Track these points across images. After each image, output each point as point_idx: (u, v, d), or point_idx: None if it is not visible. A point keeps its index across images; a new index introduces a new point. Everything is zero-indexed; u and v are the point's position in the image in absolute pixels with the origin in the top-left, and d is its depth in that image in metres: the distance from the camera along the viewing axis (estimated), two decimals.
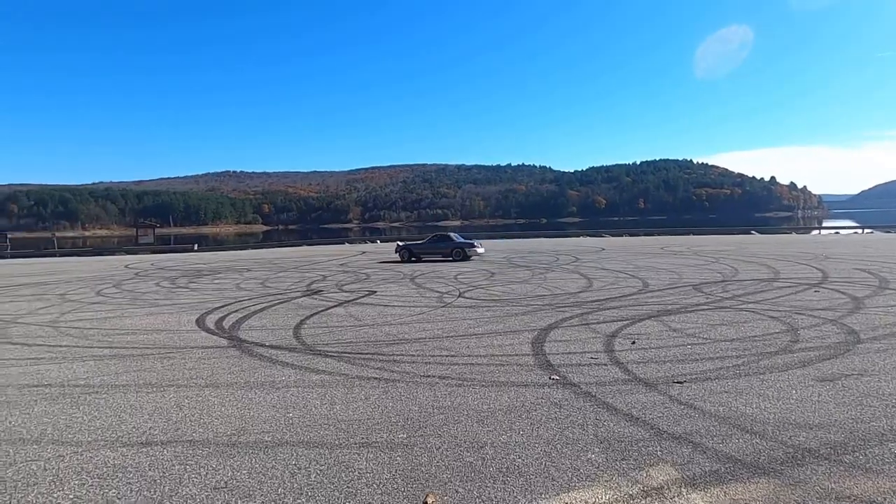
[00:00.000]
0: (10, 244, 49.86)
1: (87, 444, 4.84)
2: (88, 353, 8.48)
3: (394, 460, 4.32)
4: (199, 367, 7.38)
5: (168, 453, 4.58)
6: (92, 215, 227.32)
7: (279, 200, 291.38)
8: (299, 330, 9.74)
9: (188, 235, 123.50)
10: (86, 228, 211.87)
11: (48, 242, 64.29)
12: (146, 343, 9.06)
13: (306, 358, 7.71)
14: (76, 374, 7.19)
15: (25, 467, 4.37)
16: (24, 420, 5.49)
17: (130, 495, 3.88)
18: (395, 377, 6.63)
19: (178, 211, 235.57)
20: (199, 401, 5.94)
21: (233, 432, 5.00)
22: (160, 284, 18.48)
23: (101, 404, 5.92)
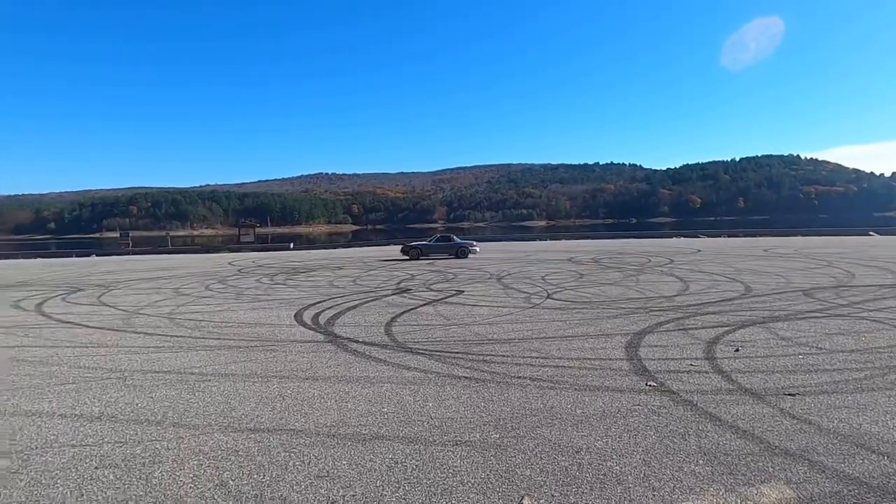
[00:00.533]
0: (132, 242, 54.89)
1: (203, 427, 5.22)
2: (201, 343, 9.15)
3: (488, 460, 4.34)
4: (299, 360, 7.76)
5: (274, 440, 4.85)
6: (199, 216, 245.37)
7: (368, 201, 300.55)
8: (390, 327, 10.00)
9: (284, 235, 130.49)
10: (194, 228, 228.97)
11: (163, 241, 70.06)
12: (251, 336, 9.64)
13: (398, 355, 7.90)
14: (191, 363, 7.78)
15: (151, 446, 4.79)
16: (148, 403, 6.01)
17: (242, 478, 4.14)
18: (486, 377, 6.65)
19: (274, 211, 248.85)
20: (300, 392, 6.25)
21: (332, 424, 5.22)
22: (260, 281, 19.61)
23: (213, 391, 6.37)
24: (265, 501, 3.78)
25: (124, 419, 5.49)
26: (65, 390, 6.55)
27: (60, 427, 5.30)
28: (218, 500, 3.81)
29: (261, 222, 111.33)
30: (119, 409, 5.79)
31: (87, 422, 5.44)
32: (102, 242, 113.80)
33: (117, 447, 4.78)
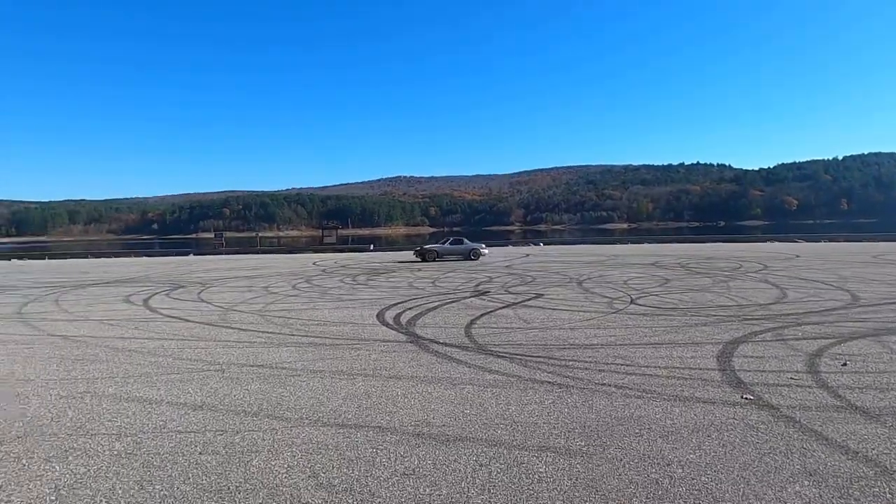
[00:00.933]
0: (225, 242, 58.39)
1: (295, 420, 5.46)
2: (290, 339, 9.58)
3: (573, 468, 4.26)
4: (383, 359, 7.95)
5: (361, 436, 5.00)
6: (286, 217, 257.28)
7: (445, 203, 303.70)
8: (470, 329, 10.04)
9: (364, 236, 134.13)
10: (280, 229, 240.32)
11: (253, 241, 74.02)
12: (336, 334, 9.99)
13: (479, 357, 7.91)
14: (282, 358, 8.17)
15: (249, 436, 5.06)
16: (245, 395, 6.36)
17: (332, 471, 4.30)
18: (569, 383, 6.53)
19: (355, 214, 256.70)
20: (385, 390, 6.40)
21: (416, 423, 5.31)
22: (343, 281, 20.27)
23: (303, 386, 6.65)
24: (355, 495, 3.89)
25: (223, 409, 5.84)
26: (170, 380, 7.06)
27: (168, 414, 5.72)
28: (311, 490, 3.97)
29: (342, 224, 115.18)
30: (219, 400, 6.17)
31: (190, 410, 5.83)
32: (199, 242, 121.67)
33: (218, 435, 5.09)
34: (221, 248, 54.10)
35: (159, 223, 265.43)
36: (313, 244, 62.24)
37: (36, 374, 7.48)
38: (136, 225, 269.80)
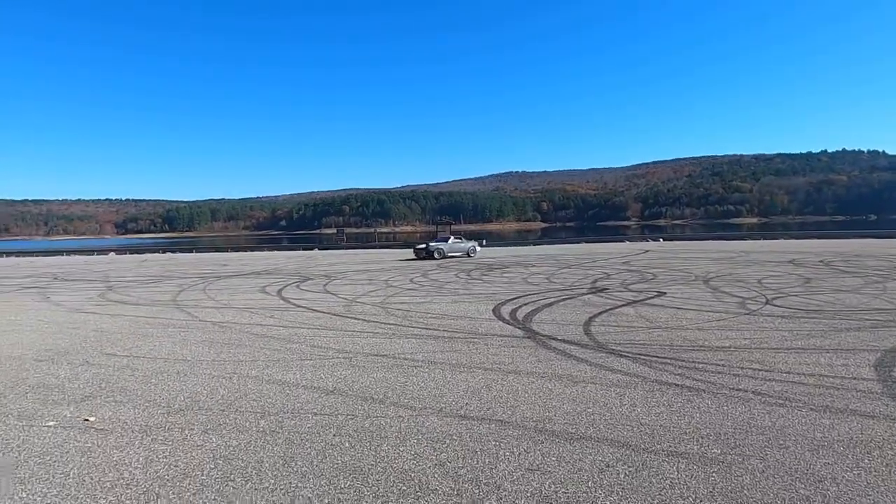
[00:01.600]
0: (346, 237, 61.69)
1: (419, 409, 5.65)
2: (409, 331, 9.92)
3: (710, 476, 4.02)
4: (501, 354, 7.99)
5: (483, 429, 5.06)
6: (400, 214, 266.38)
7: (557, 198, 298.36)
8: (589, 327, 9.80)
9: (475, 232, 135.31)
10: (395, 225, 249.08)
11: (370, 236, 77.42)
12: (453, 327, 10.18)
13: (599, 356, 7.70)
14: (403, 349, 8.48)
15: (377, 422, 5.32)
16: (371, 382, 6.68)
17: (457, 460, 4.40)
18: (700, 386, 6.16)
19: (467, 209, 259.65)
20: (505, 385, 6.43)
21: (538, 419, 5.28)
22: (458, 276, 20.61)
23: (424, 377, 6.86)
24: (480, 486, 3.96)
25: (353, 395, 6.18)
26: (304, 365, 7.59)
27: (304, 396, 6.16)
28: (438, 478, 4.09)
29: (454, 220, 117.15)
30: (348, 386, 6.53)
31: (323, 394, 6.24)
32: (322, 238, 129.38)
33: (349, 419, 5.39)
34: (342, 242, 57.23)
35: (287, 220, 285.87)
36: (427, 239, 63.94)
37: (192, 355, 8.37)
38: (266, 221, 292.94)
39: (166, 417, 5.58)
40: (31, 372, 7.55)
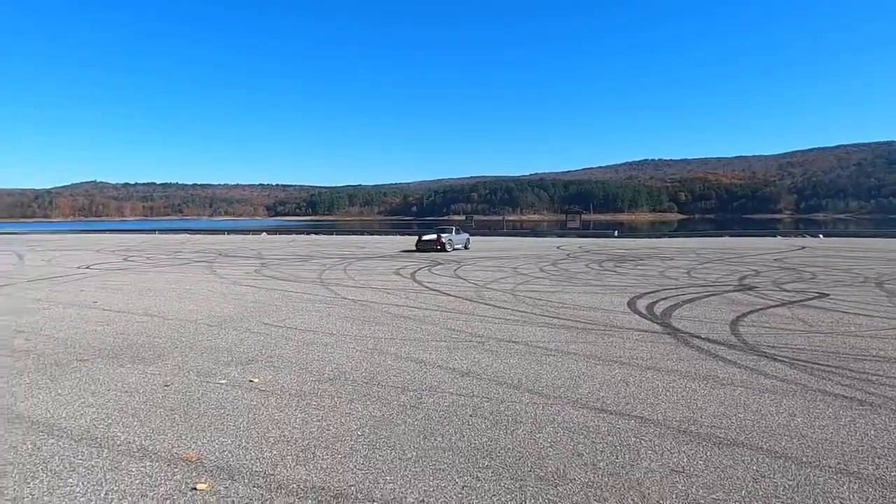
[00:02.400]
0: (474, 224, 62.60)
1: (553, 398, 5.61)
2: (541, 320, 9.86)
3: (890, 502, 3.57)
4: (638, 349, 7.67)
5: (622, 424, 4.91)
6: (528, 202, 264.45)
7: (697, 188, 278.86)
8: (737, 327, 9.08)
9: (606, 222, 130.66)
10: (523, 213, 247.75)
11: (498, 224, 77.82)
12: (586, 318, 9.95)
13: (750, 358, 7.11)
14: (535, 337, 8.45)
15: (512, 406, 5.37)
16: (505, 368, 6.75)
17: (595, 453, 4.31)
18: (875, 401, 5.47)
19: (597, 198, 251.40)
20: (644, 381, 6.18)
21: (682, 419, 5.01)
22: (589, 266, 20.07)
23: (558, 366, 6.79)
24: (620, 480, 3.85)
25: (487, 378, 6.29)
26: (439, 346, 7.85)
27: (440, 376, 6.37)
28: (575, 468, 4.05)
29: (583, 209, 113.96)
30: (482, 369, 6.66)
31: (458, 375, 6.41)
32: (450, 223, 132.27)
33: (484, 402, 5.50)
34: (471, 229, 58.11)
35: (417, 206, 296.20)
36: (555, 228, 62.87)
37: (336, 329, 9.00)
38: (398, 207, 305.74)
39: (317, 385, 6.06)
40: (204, 335, 8.57)
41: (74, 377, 6.32)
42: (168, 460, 4.15)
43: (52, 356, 7.26)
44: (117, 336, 8.50)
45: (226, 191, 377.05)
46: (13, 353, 7.46)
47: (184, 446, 4.40)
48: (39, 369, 6.65)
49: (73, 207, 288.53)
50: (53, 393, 5.75)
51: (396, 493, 3.67)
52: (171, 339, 8.31)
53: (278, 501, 3.56)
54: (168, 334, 8.62)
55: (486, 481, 3.85)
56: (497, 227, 73.66)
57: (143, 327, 9.17)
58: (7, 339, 8.27)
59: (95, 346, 7.81)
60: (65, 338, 8.38)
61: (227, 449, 4.37)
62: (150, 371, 6.58)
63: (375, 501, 3.57)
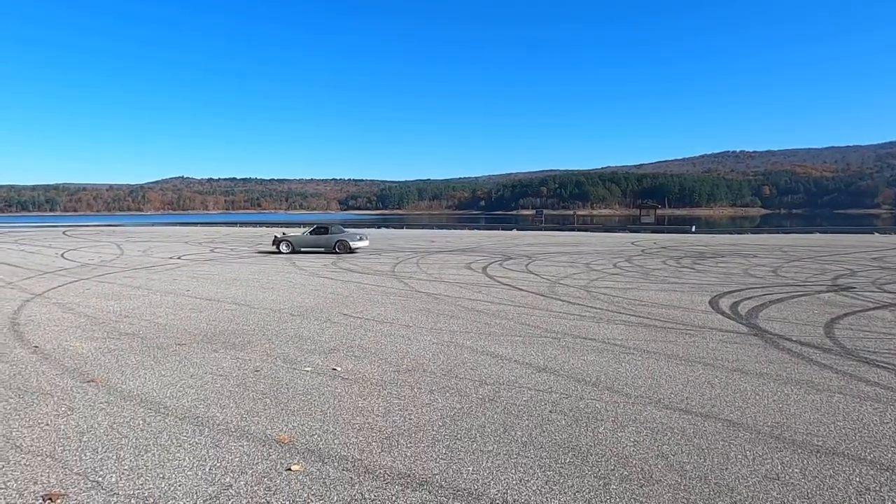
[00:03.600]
0: (544, 219, 61.85)
1: (634, 397, 5.50)
2: (618, 317, 9.65)
3: None
4: (722, 350, 7.37)
5: (708, 426, 4.75)
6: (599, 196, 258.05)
7: (783, 181, 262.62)
8: (831, 329, 8.54)
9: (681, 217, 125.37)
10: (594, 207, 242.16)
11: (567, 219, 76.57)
12: (665, 317, 9.65)
13: (848, 364, 6.68)
14: (612, 335, 8.29)
15: (591, 404, 5.31)
16: (582, 365, 6.67)
17: (681, 454, 4.20)
18: None
19: (672, 193, 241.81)
20: (730, 383, 5.94)
21: (773, 424, 4.79)
22: (666, 263, 19.39)
23: (637, 365, 6.64)
24: (710, 485, 3.74)
25: (564, 375, 6.24)
26: (514, 341, 7.86)
27: (517, 371, 6.39)
28: (661, 470, 3.96)
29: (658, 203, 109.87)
30: (558, 365, 6.61)
31: (535, 371, 6.40)
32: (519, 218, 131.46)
33: (563, 398, 5.47)
34: (541, 224, 57.44)
35: (485, 200, 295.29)
36: (627, 223, 61.10)
37: (412, 322, 9.19)
38: (466, 201, 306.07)
39: (397, 375, 6.23)
40: (288, 324, 8.98)
41: (174, 360, 6.80)
42: (263, 441, 4.40)
43: (154, 340, 7.84)
44: (209, 322, 9.05)
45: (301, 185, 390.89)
46: (120, 335, 8.12)
47: (276, 429, 4.65)
48: (144, 351, 7.20)
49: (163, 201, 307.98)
50: (157, 373, 6.22)
51: (479, 484, 3.73)
52: (258, 326, 8.76)
53: (367, 485, 3.70)
54: (255, 322, 9.09)
55: (570, 477, 3.84)
56: (567, 221, 72.39)
57: (231, 315, 9.71)
58: (114, 323, 8.99)
59: (190, 332, 8.35)
60: (164, 323, 9.01)
61: (315, 433, 4.58)
62: (240, 356, 6.97)
63: (459, 491, 3.64)
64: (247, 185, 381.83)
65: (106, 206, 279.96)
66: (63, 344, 7.55)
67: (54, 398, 5.36)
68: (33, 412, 4.98)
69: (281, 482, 3.73)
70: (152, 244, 30.31)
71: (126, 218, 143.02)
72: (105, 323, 9.01)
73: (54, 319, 9.27)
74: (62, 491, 3.57)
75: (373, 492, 3.63)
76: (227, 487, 3.66)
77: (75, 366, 6.50)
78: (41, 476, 3.78)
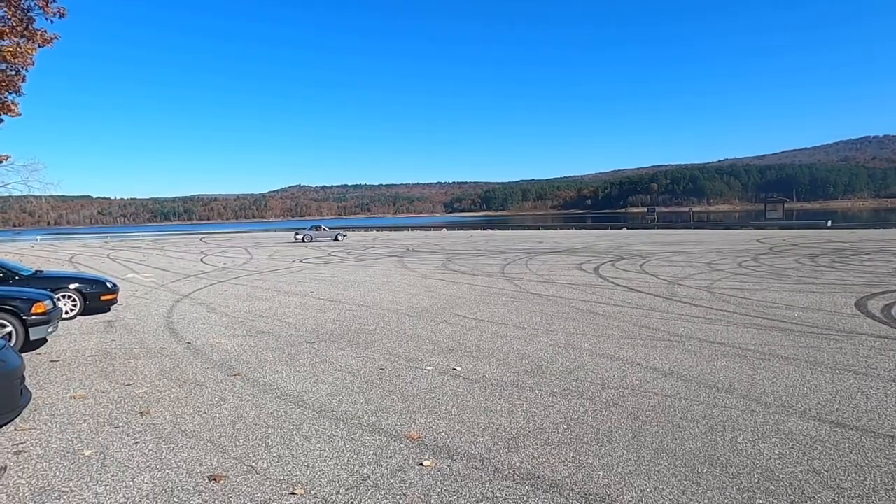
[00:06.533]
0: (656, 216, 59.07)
1: (776, 406, 5.11)
2: (748, 320, 9.01)
3: None
4: (876, 357, 6.65)
5: (866, 442, 4.31)
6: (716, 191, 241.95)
7: None
8: None
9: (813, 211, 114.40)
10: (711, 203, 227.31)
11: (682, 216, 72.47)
12: (802, 320, 8.87)
13: None
14: (742, 339, 7.75)
15: (727, 412, 5.00)
16: (712, 370, 6.29)
17: (836, 470, 3.85)
18: None
19: (801, 185, 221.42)
20: (889, 395, 5.33)
21: None
22: (799, 261, 17.80)
23: (776, 372, 6.15)
24: None
25: (693, 380, 5.93)
26: (635, 344, 7.59)
27: (641, 375, 6.16)
28: (813, 486, 3.65)
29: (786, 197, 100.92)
30: (686, 370, 6.30)
31: (661, 375, 6.14)
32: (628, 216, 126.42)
33: (694, 405, 5.20)
34: (653, 222, 54.95)
35: (592, 199, 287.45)
36: (750, 219, 56.68)
37: (527, 323, 9.16)
38: (572, 200, 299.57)
39: (517, 376, 6.25)
40: (406, 325, 9.30)
41: (306, 357, 7.29)
42: (394, 436, 4.60)
43: (287, 338, 8.44)
44: (334, 322, 9.59)
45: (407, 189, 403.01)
46: (257, 333, 8.83)
47: (405, 425, 4.84)
48: (278, 348, 7.78)
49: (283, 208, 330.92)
50: (293, 369, 6.69)
51: (612, 490, 3.66)
52: (379, 326, 9.16)
53: (498, 484, 3.76)
54: (376, 322, 9.51)
55: (709, 488, 3.65)
56: (682, 219, 68.53)
57: (353, 315, 10.23)
58: (251, 322, 9.80)
59: (318, 331, 8.90)
60: (293, 322, 9.68)
61: (442, 430, 4.71)
62: (365, 355, 7.33)
63: (591, 496, 3.59)
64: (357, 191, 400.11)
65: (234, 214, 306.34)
66: (210, 341, 8.35)
67: (208, 389, 5.95)
68: (193, 401, 5.56)
69: (415, 476, 3.88)
70: (276, 249, 32.61)
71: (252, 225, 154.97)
72: (243, 322, 9.84)
73: (201, 318, 10.26)
74: (223, 473, 3.96)
75: (503, 490, 3.67)
76: (365, 478, 3.87)
77: (222, 360, 7.16)
78: (205, 458, 4.21)
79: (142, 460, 4.19)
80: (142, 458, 4.23)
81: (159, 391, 5.91)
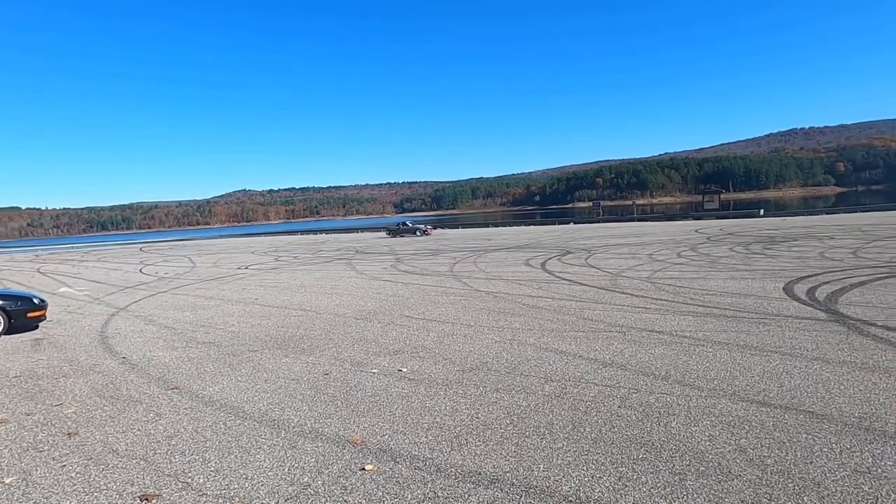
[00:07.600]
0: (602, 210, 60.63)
1: (707, 390, 5.33)
2: (684, 308, 9.35)
3: None
4: (800, 338, 7.03)
5: (789, 418, 4.55)
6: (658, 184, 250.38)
7: (859, 157, 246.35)
8: None
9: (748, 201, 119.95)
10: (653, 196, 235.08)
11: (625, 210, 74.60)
12: (735, 306, 9.28)
13: None
14: (680, 326, 8.04)
15: (662, 398, 5.18)
16: (650, 358, 6.51)
17: (761, 448, 4.05)
18: None
19: (737, 176, 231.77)
20: (811, 373, 5.65)
21: (861, 415, 4.53)
22: (734, 250, 18.62)
23: (708, 357, 6.42)
24: (793, 479, 3.59)
25: (631, 369, 6.11)
26: (578, 336, 7.76)
27: (583, 367, 6.31)
28: (740, 464, 3.83)
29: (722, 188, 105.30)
30: (625, 360, 6.48)
31: (601, 366, 6.30)
32: (575, 211, 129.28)
33: (632, 393, 5.36)
34: (599, 216, 56.35)
35: (540, 195, 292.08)
36: (690, 211, 58.91)
37: (474, 321, 9.22)
38: (521, 197, 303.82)
39: (462, 374, 6.28)
40: (353, 328, 9.20)
41: (248, 366, 7.11)
42: (336, 442, 4.54)
43: (229, 347, 8.21)
44: (278, 329, 9.40)
45: (356, 191, 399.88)
46: (198, 344, 8.55)
47: (348, 430, 4.79)
48: (220, 359, 7.56)
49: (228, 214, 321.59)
50: (234, 380, 6.52)
51: (551, 482, 3.73)
52: (325, 331, 9.03)
53: (440, 483, 3.77)
54: (321, 327, 9.37)
55: (643, 473, 3.77)
56: (626, 212, 70.62)
57: (299, 321, 10.05)
58: (192, 333, 9.48)
59: (261, 339, 8.70)
60: (236, 331, 9.43)
61: (386, 433, 4.69)
62: (310, 361, 7.21)
63: (531, 489, 3.65)
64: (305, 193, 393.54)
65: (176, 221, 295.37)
66: (147, 354, 8.03)
67: (143, 405, 5.72)
68: (125, 418, 5.34)
69: (356, 481, 3.85)
70: (220, 256, 31.70)
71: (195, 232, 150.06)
72: (183, 333, 9.51)
73: (137, 331, 9.86)
74: (156, 492, 3.82)
75: (445, 490, 3.68)
76: (305, 487, 3.81)
77: (160, 374, 6.90)
78: (137, 478, 4.05)
79: (68, 485, 3.99)
80: (68, 482, 4.03)
81: (90, 410, 5.64)
